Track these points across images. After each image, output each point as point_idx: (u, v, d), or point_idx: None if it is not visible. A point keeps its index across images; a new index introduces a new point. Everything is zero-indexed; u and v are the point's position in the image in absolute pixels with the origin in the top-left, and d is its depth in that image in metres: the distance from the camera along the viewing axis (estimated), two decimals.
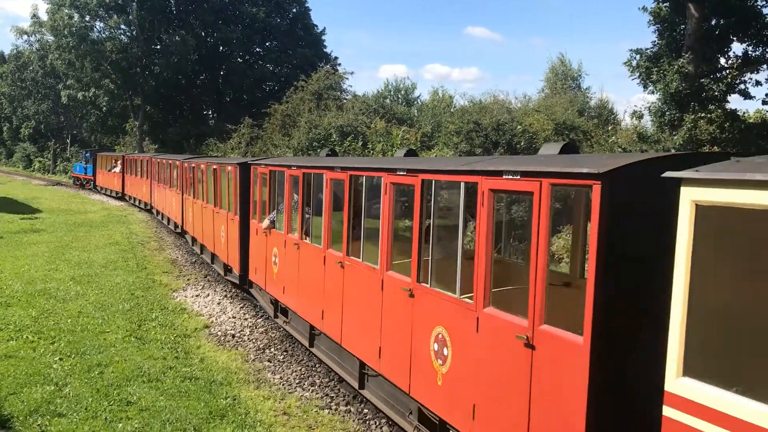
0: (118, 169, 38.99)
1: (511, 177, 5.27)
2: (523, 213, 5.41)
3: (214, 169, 16.30)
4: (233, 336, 10.95)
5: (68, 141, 70.78)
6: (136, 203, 33.97)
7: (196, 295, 13.89)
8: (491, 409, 5.41)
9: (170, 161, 24.68)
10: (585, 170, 4.50)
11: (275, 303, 11.63)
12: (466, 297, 5.76)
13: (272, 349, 10.30)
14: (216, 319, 11.96)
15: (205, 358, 9.57)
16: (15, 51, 75.24)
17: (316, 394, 8.39)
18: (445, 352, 6.08)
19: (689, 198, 3.65)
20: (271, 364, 9.54)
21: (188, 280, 15.61)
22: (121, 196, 37.83)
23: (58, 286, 13.86)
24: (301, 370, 9.35)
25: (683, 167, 3.76)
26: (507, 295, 5.42)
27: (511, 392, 5.11)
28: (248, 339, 10.85)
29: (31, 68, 71.77)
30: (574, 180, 4.64)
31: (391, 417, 7.31)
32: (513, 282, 5.50)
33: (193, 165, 19.70)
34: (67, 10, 50.19)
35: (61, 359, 9.14)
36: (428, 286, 6.41)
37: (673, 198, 3.73)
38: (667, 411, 3.73)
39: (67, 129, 72.49)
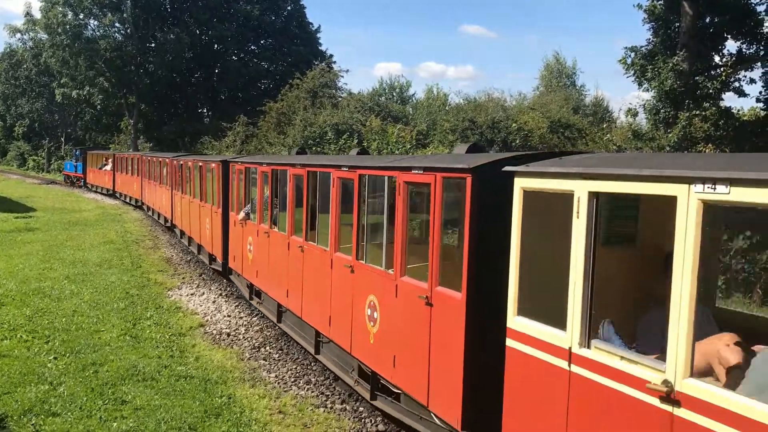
0: (109, 167, 39.58)
1: (417, 171, 6.44)
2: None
3: (200, 167, 17.35)
4: (228, 334, 10.94)
5: (62, 139, 70.55)
6: (127, 200, 34.74)
7: (191, 294, 13.87)
8: (406, 357, 6.67)
9: (160, 159, 25.54)
10: (460, 166, 5.75)
11: (251, 287, 12.77)
12: (390, 270, 6.96)
13: (267, 348, 10.30)
14: (211, 318, 11.95)
15: (200, 357, 9.56)
16: (8, 49, 74.93)
17: (312, 392, 8.39)
18: (375, 315, 7.30)
19: (518, 185, 4.98)
20: (267, 363, 9.54)
21: (183, 278, 15.59)
22: (112, 193, 38.57)
23: (52, 285, 13.83)
24: (296, 368, 9.35)
25: (528, 163, 5.10)
26: (420, 268, 6.58)
27: (418, 341, 6.37)
28: (243, 337, 10.84)
29: (24, 66, 71.47)
30: (455, 174, 5.87)
31: (338, 374, 8.46)
32: (424, 257, 6.46)
33: (181, 162, 20.56)
34: (60, 8, 50.00)
35: (55, 358, 9.12)
36: (364, 262, 7.62)
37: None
38: (509, 342, 5.07)
39: (62, 127, 72.26)
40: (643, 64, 20.25)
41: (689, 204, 3.61)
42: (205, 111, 59.55)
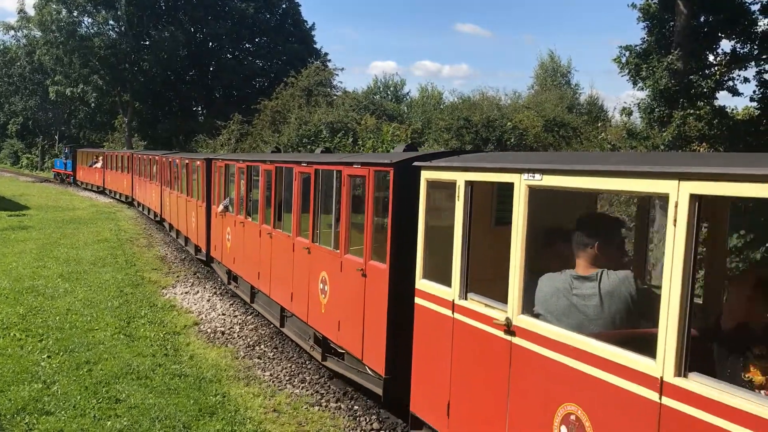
0: (99, 165, 40.54)
1: (356, 166, 7.68)
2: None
3: (186, 164, 18.64)
4: (223, 333, 10.92)
5: (56, 137, 70.24)
6: (117, 196, 35.79)
7: (186, 292, 13.84)
8: (348, 321, 7.89)
9: (150, 156, 26.90)
10: (385, 161, 7.10)
11: (228, 272, 14.03)
12: (337, 249, 8.21)
13: (262, 346, 10.28)
14: (205, 316, 11.93)
15: (194, 356, 9.54)
16: (2, 46, 74.59)
17: (306, 391, 8.38)
18: (326, 288, 8.57)
19: (423, 177, 6.23)
20: (261, 361, 9.52)
21: (177, 277, 15.55)
22: (102, 190, 39.65)
23: (46, 284, 13.78)
24: (291, 367, 9.33)
25: (431, 160, 6.41)
26: (360, 248, 7.72)
27: (356, 307, 7.55)
28: (238, 336, 10.82)
29: (18, 64, 71.15)
30: (382, 167, 7.17)
31: (298, 342, 9.74)
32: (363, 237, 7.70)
33: (170, 160, 21.71)
34: (54, 6, 49.82)
35: (49, 357, 9.09)
36: (318, 244, 8.86)
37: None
38: (416, 300, 6.27)
39: (56, 125, 71.95)
40: (637, 62, 20.28)
41: (521, 188, 4.85)
42: (199, 109, 59.43)
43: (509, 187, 5.02)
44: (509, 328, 4.87)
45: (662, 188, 3.72)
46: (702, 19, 20.40)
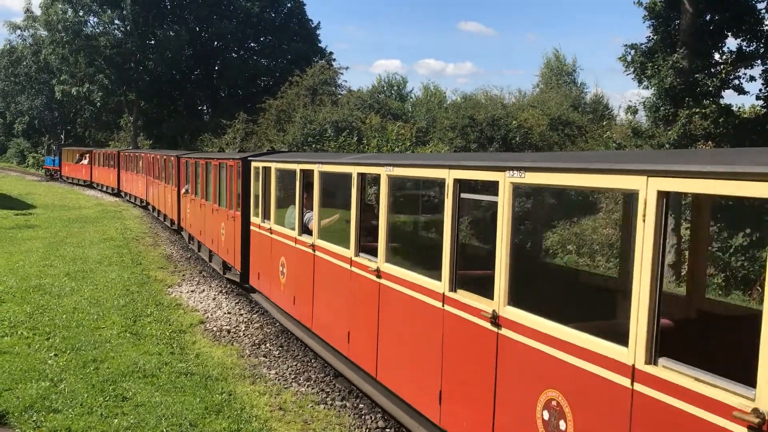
0: (86, 162, 45.36)
1: (224, 159, 13.75)
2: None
3: (165, 159, 23.88)
4: (228, 331, 10.96)
5: (62, 137, 70.44)
6: (104, 189, 40.90)
7: (192, 291, 13.89)
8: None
9: (136, 154, 32.96)
10: (236, 158, 12.98)
11: (191, 237, 19.14)
12: (224, 206, 12.67)
13: (268, 345, 10.31)
14: (211, 315, 11.97)
15: (200, 354, 9.58)
16: (8, 46, 74.79)
17: (312, 389, 8.41)
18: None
19: (253, 165, 11.88)
20: (267, 360, 9.55)
21: (183, 275, 15.60)
22: (90, 184, 44.47)
23: (52, 282, 13.84)
24: (296, 365, 9.36)
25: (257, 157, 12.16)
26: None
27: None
28: (243, 334, 10.86)
29: (24, 63, 71.33)
30: (234, 162, 12.67)
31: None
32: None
33: (152, 156, 27.12)
34: (60, 5, 49.92)
35: (56, 355, 9.14)
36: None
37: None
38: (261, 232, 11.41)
39: (61, 125, 72.17)
40: (643, 61, 20.24)
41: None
42: (204, 108, 59.50)
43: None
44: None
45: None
46: (707, 18, 20.34)
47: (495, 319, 5.06)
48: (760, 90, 20.42)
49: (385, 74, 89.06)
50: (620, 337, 3.99)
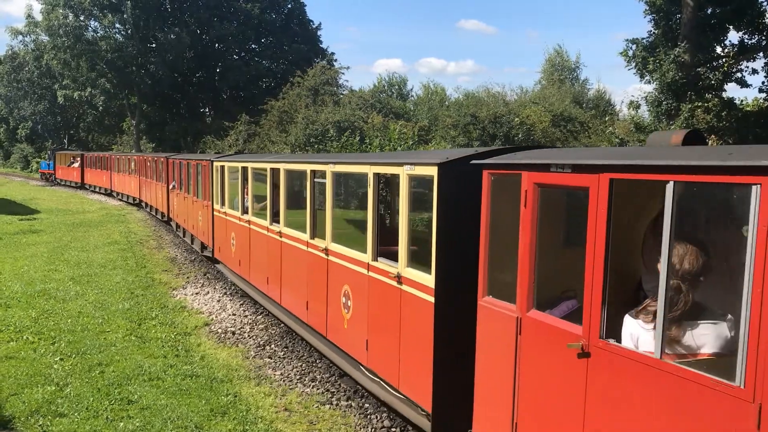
0: (77, 164, 47.29)
1: (194, 160, 18.46)
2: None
3: (155, 161, 26.98)
4: (233, 333, 10.96)
5: (65, 141, 70.63)
6: (96, 189, 43.32)
7: (196, 293, 13.90)
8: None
9: (128, 156, 35.93)
10: (207, 158, 16.62)
11: (177, 225, 22.02)
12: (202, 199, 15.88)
13: (272, 346, 10.31)
14: (216, 317, 11.97)
15: (205, 356, 9.58)
16: (10, 51, 75.00)
17: (317, 389, 8.40)
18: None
19: (214, 165, 15.44)
20: (272, 361, 9.55)
21: (188, 278, 15.61)
22: (81, 185, 46.67)
23: (57, 287, 13.86)
24: (301, 366, 9.36)
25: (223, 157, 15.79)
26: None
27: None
28: (248, 336, 10.86)
29: (26, 69, 71.56)
30: (205, 161, 16.91)
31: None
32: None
33: (144, 157, 30.71)
34: (61, 10, 50.08)
35: (61, 359, 9.15)
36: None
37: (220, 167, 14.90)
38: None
39: (64, 129, 72.36)
40: (644, 56, 20.21)
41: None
42: (207, 110, 59.59)
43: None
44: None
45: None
46: (709, 11, 20.28)
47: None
48: (763, 82, 20.36)
49: (386, 74, 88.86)
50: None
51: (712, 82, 19.29)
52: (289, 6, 57.07)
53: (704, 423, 3.39)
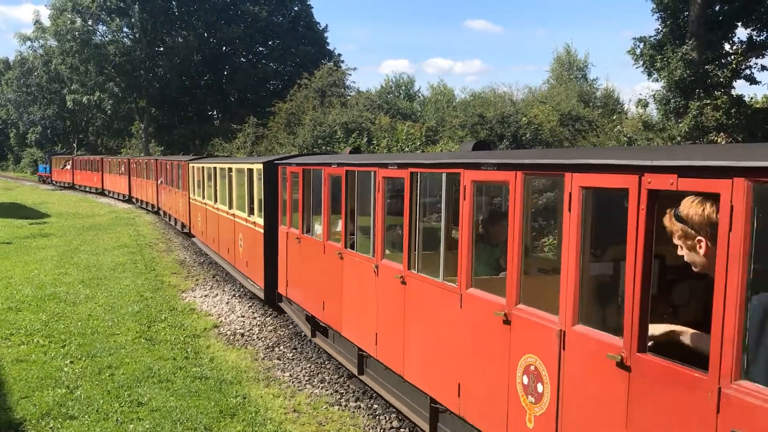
0: (69, 167, 51.92)
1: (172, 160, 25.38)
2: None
3: (146, 162, 32.12)
4: (242, 335, 10.98)
5: (75, 145, 71.00)
6: (87, 189, 47.01)
7: (205, 295, 13.94)
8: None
9: (118, 160, 41.04)
10: (184, 160, 22.13)
11: (164, 212, 27.14)
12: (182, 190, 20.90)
13: (281, 347, 10.32)
14: (225, 319, 12.00)
15: (214, 358, 9.60)
16: (19, 57, 75.48)
17: (326, 390, 8.41)
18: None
19: (189, 165, 20.80)
20: (281, 362, 9.56)
21: (197, 280, 15.66)
22: (71, 185, 50.86)
23: (67, 290, 13.94)
24: (310, 367, 9.36)
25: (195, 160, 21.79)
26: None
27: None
28: (257, 337, 10.88)
29: (35, 74, 71.96)
30: (179, 162, 23.22)
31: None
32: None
33: (136, 160, 36.02)
34: (69, 15, 50.37)
35: (71, 362, 9.19)
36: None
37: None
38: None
39: (74, 133, 72.72)
40: (652, 54, 20.11)
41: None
42: (215, 113, 59.76)
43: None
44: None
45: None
46: (717, 8, 20.16)
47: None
48: None
49: (393, 74, 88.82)
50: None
51: (721, 79, 19.17)
52: (296, 8, 57.17)
53: None
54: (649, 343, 3.68)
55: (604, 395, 3.95)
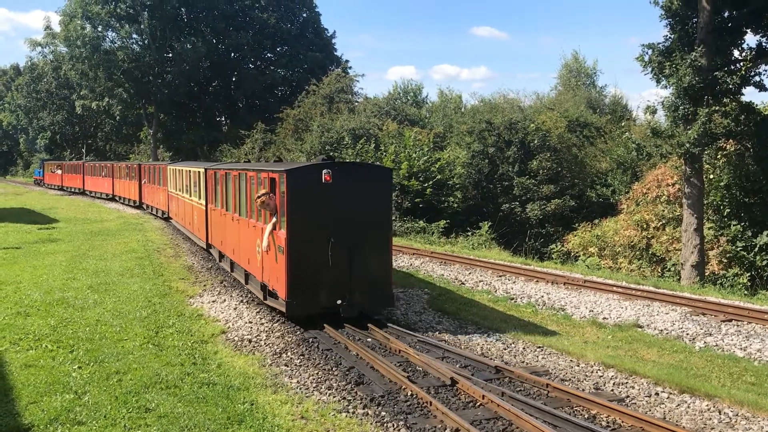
0: (59, 171, 56.92)
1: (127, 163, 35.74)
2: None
3: (128, 167, 37.49)
4: (250, 341, 10.98)
5: (84, 151, 71.36)
6: (73, 191, 51.54)
7: (213, 301, 13.94)
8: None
9: (103, 164, 45.46)
10: (164, 163, 30.40)
11: (150, 206, 32.43)
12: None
13: (289, 354, 10.31)
14: (232, 325, 12.00)
15: (222, 364, 9.60)
16: (29, 63, 75.99)
17: (334, 397, 8.39)
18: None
19: (168, 168, 28.26)
20: (288, 368, 9.55)
21: (204, 286, 15.67)
22: (61, 188, 55.55)
23: (75, 295, 13.98)
24: (318, 373, 9.35)
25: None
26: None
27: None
28: (265, 343, 10.87)
29: (45, 80, 72.48)
30: (162, 166, 29.97)
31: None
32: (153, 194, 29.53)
33: (120, 164, 40.42)
34: (79, 21, 50.66)
35: (79, 367, 9.21)
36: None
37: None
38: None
39: (83, 139, 73.10)
40: (660, 60, 20.05)
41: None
42: (223, 119, 59.96)
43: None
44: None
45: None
46: (726, 15, 20.09)
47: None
48: None
49: (400, 81, 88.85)
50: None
51: (730, 86, 19.10)
52: (304, 15, 57.35)
53: None
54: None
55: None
